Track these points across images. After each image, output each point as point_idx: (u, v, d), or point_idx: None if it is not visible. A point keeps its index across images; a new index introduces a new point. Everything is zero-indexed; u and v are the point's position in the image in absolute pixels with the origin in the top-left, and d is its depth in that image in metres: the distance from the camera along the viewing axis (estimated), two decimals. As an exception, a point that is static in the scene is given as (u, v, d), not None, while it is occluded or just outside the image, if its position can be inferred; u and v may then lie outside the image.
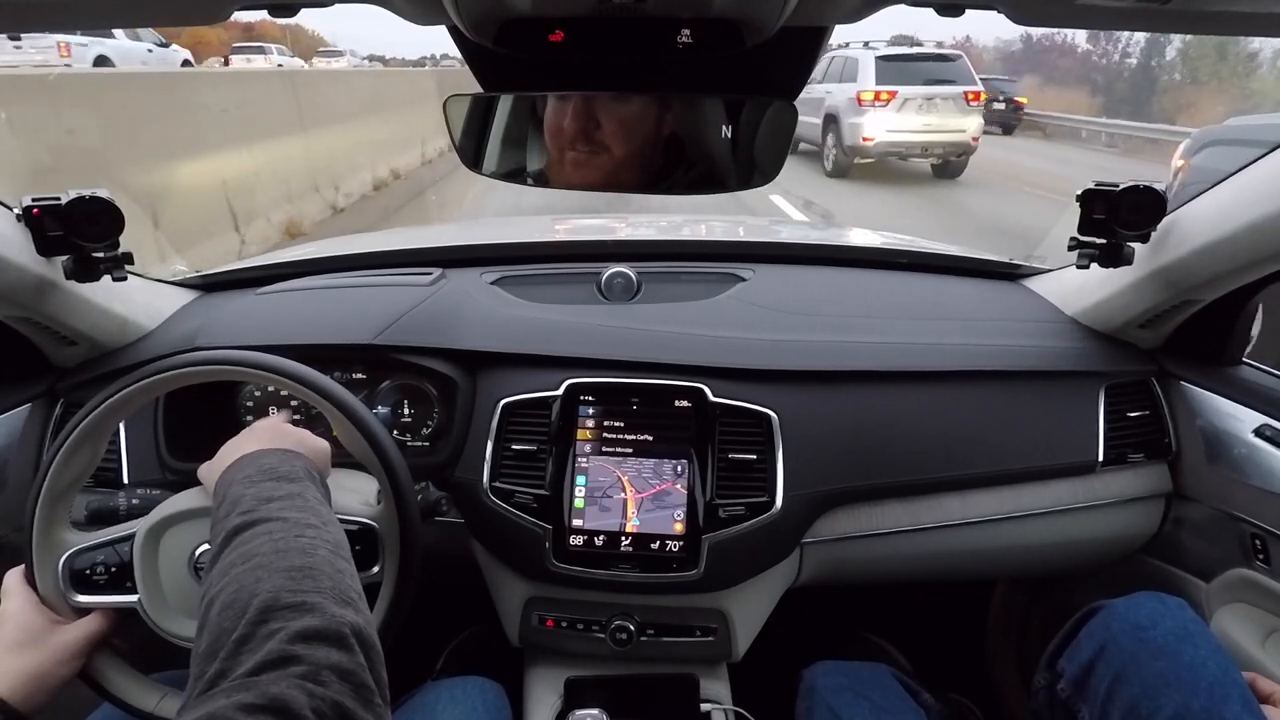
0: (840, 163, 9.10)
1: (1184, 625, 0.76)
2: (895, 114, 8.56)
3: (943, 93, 8.65)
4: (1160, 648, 0.74)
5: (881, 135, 8.55)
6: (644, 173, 0.73)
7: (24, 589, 0.75)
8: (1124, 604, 0.81)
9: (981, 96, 8.98)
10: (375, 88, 11.05)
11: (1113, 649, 0.77)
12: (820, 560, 1.08)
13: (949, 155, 9.06)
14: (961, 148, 8.88)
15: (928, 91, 8.62)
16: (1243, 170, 0.90)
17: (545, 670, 1.09)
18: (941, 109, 8.64)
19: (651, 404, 1.01)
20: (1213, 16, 0.53)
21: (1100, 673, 0.77)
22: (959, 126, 8.68)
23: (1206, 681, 0.70)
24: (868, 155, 8.82)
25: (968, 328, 1.14)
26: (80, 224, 0.88)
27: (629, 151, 0.71)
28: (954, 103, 8.68)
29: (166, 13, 0.63)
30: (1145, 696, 0.72)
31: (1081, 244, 1.00)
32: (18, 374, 1.04)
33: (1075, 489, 1.08)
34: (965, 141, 8.76)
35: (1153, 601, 0.80)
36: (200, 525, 0.75)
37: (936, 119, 8.62)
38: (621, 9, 0.54)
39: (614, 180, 0.73)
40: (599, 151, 0.71)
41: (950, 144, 8.82)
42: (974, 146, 8.87)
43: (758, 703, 1.05)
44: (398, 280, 1.18)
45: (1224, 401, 1.03)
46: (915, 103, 8.59)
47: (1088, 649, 0.80)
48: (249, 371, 0.79)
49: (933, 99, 8.63)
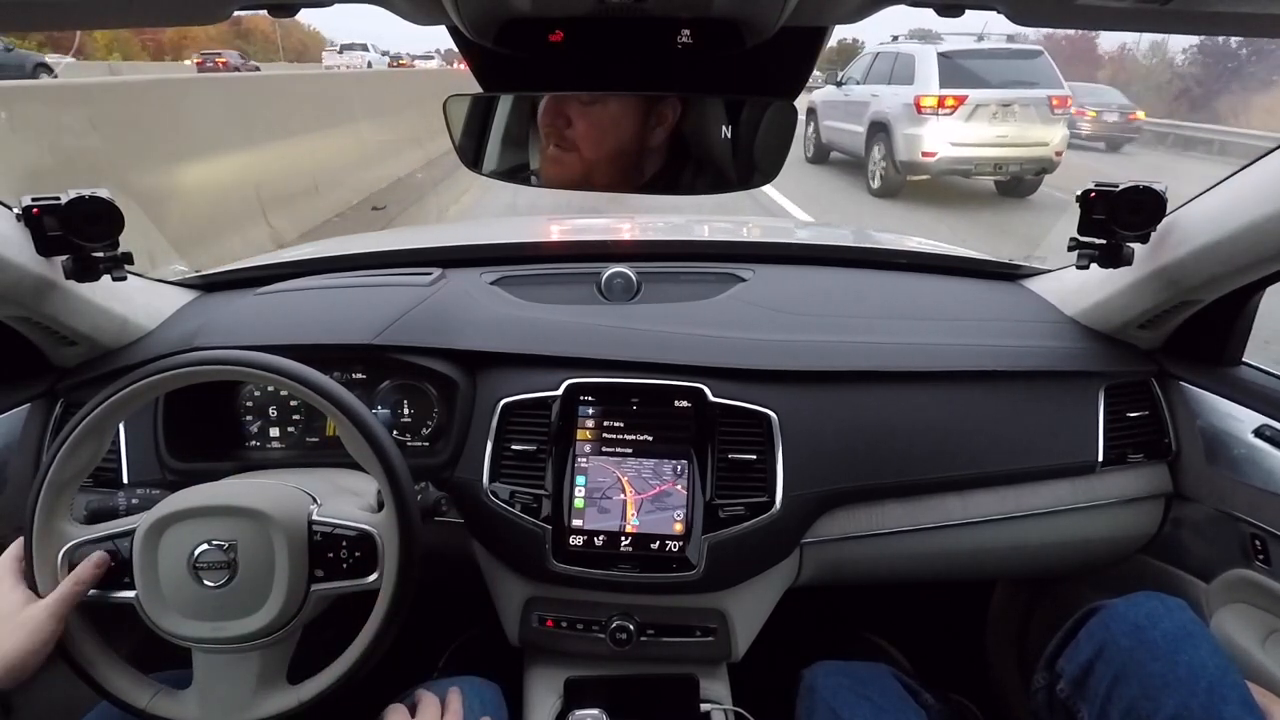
0: (891, 180, 7.45)
1: (1183, 626, 0.76)
2: (963, 124, 6.90)
3: (1022, 97, 6.96)
4: (1159, 648, 0.74)
5: (945, 150, 6.90)
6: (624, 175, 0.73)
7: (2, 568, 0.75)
8: (1123, 604, 0.81)
9: (1069, 101, 7.30)
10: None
11: (1112, 649, 0.77)
12: (820, 560, 1.08)
13: (1026, 173, 7.32)
14: (1043, 163, 7.14)
15: (1004, 96, 6.95)
16: (1242, 170, 0.90)
17: (545, 670, 1.09)
18: (1020, 117, 6.96)
19: (651, 404, 1.01)
20: (1213, 17, 0.53)
21: (1100, 673, 0.77)
22: (1041, 139, 6.98)
23: (1205, 682, 0.70)
24: (926, 172, 7.21)
25: (968, 328, 1.14)
26: (80, 224, 0.88)
27: (599, 154, 0.72)
28: (1035, 109, 6.98)
29: (166, 13, 0.63)
30: (1144, 697, 0.72)
31: (1081, 244, 1.00)
32: (18, 374, 1.04)
33: (1075, 489, 1.08)
34: (1048, 156, 7.06)
35: (1152, 602, 0.80)
36: (201, 524, 0.75)
37: (1014, 129, 6.95)
38: (621, 9, 0.54)
39: (589, 180, 0.74)
40: (569, 149, 0.72)
41: (1029, 159, 7.10)
42: (1057, 162, 7.17)
43: (758, 703, 1.05)
44: (398, 280, 1.18)
45: (1224, 402, 1.03)
46: (988, 109, 6.92)
47: (1087, 649, 0.80)
48: (249, 371, 0.79)
49: (1010, 105, 6.95)
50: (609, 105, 0.70)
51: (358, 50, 23.83)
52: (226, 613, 0.75)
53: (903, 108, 7.25)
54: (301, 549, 0.77)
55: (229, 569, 0.75)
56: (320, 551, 0.78)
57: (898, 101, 7.37)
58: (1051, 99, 7.09)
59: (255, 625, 0.75)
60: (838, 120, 8.69)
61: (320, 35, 56.56)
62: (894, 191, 7.57)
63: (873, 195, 7.73)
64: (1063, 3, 0.53)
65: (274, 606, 0.75)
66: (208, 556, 0.74)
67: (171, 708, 0.77)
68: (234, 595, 0.75)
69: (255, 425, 1.10)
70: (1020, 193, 7.76)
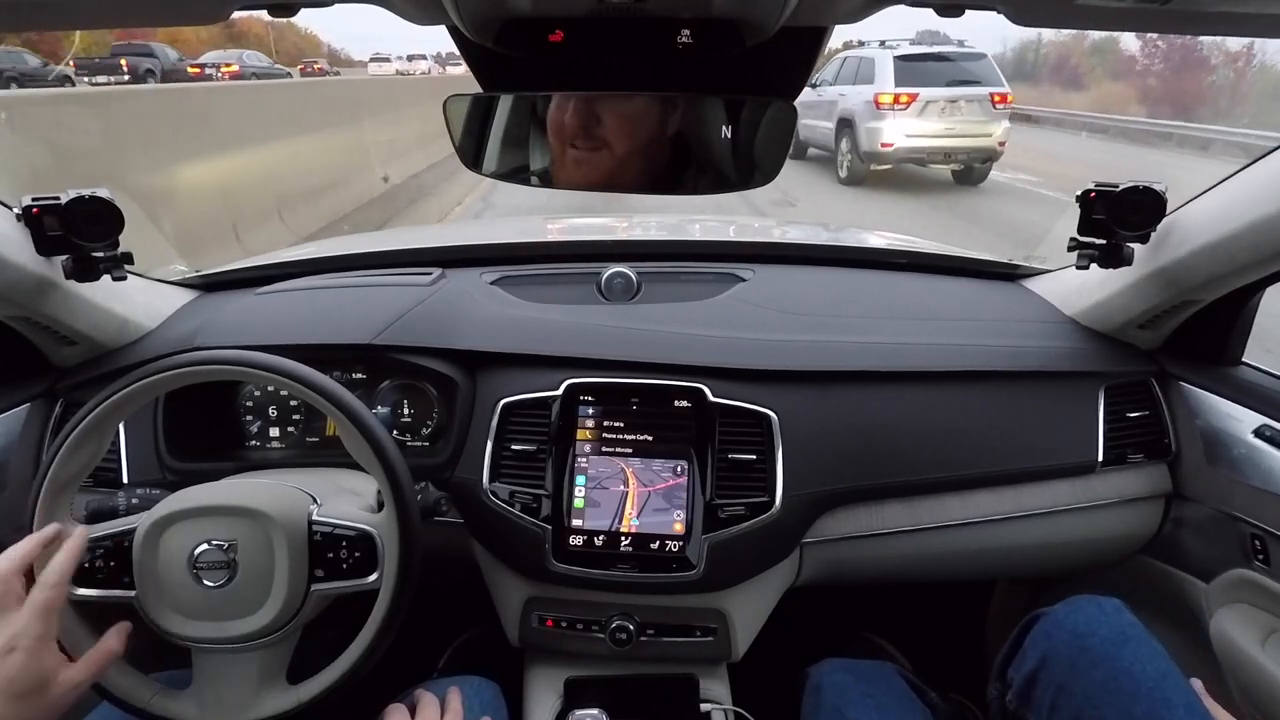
0: (856, 170, 8.63)
1: (1121, 630, 0.77)
2: (916, 118, 8.05)
3: (967, 94, 8.13)
4: (1099, 655, 0.75)
5: (901, 141, 8.05)
6: (646, 173, 0.73)
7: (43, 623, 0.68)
8: (1062, 610, 0.82)
9: (1009, 98, 8.44)
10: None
11: (1054, 659, 0.78)
12: (820, 560, 1.08)
13: (973, 161, 8.55)
14: (987, 153, 8.36)
15: (951, 94, 8.11)
16: (1243, 170, 0.90)
17: (545, 670, 1.09)
18: (965, 112, 8.12)
19: (651, 404, 1.01)
20: (1213, 17, 0.53)
21: (1044, 683, 0.78)
22: (984, 131, 8.15)
23: (1146, 686, 0.71)
24: (886, 161, 8.36)
25: (967, 328, 1.14)
26: (80, 223, 0.88)
27: (630, 149, 0.71)
28: (979, 105, 8.16)
29: (166, 12, 0.63)
30: (1088, 706, 0.73)
31: (1081, 244, 1.00)
32: (18, 374, 1.04)
33: (1075, 489, 1.08)
34: (991, 146, 8.25)
35: (1090, 607, 0.81)
36: (201, 524, 0.75)
37: (960, 123, 8.10)
38: (621, 9, 0.54)
39: (614, 179, 0.73)
40: (599, 148, 0.71)
41: (975, 149, 8.30)
42: (1000, 152, 8.36)
43: (758, 703, 1.05)
44: (398, 280, 1.18)
45: (1224, 402, 1.03)
46: (938, 105, 8.09)
47: (1031, 659, 0.81)
48: (249, 371, 0.79)
49: (956, 101, 8.11)
50: (635, 100, 0.70)
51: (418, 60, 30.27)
52: (227, 613, 0.75)
53: (864, 105, 8.32)
54: (301, 549, 0.77)
55: (229, 569, 0.74)
56: (320, 551, 0.78)
57: (860, 99, 8.42)
58: (993, 96, 8.23)
59: (255, 625, 0.75)
60: (812, 119, 9.43)
61: (316, 38, 56.47)
62: (859, 180, 8.65)
63: (841, 183, 8.78)
64: (1063, 3, 0.53)
65: (274, 606, 0.75)
66: (208, 556, 0.74)
67: (172, 708, 0.77)
68: (234, 595, 0.75)
69: (255, 425, 1.10)
70: (973, 180, 8.88)
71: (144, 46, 16.52)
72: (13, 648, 0.65)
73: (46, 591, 0.68)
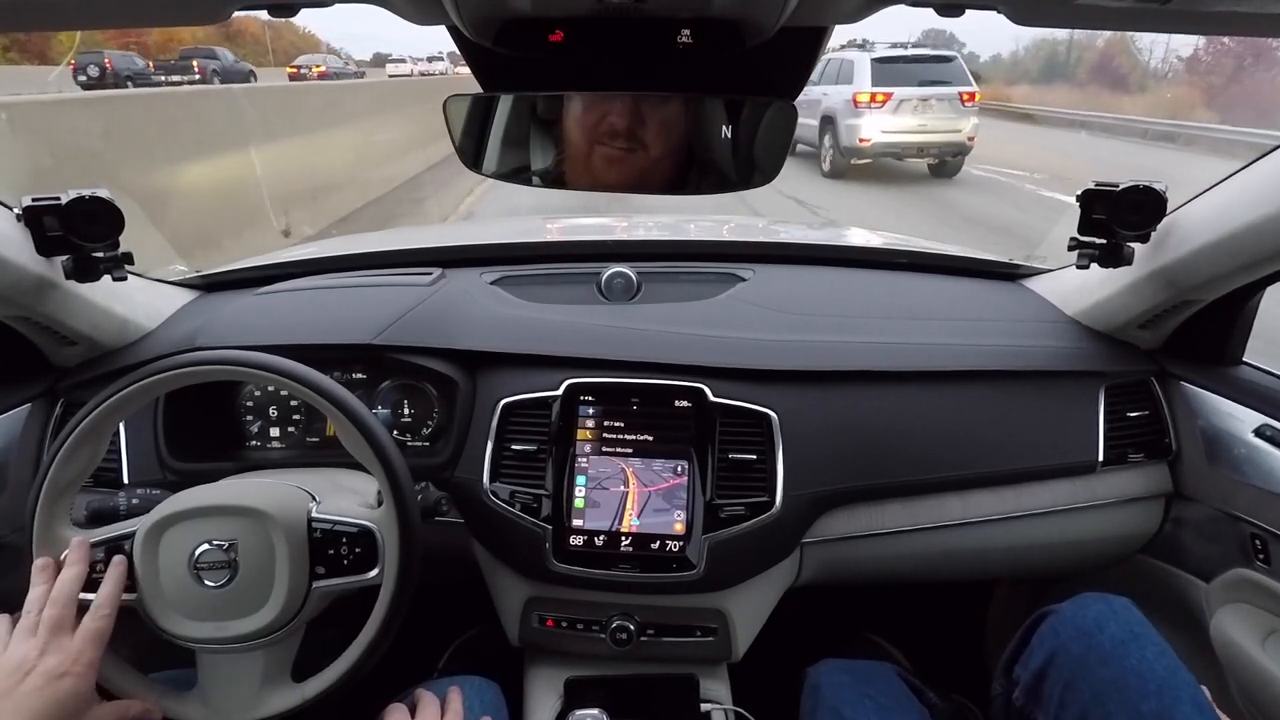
0: (837, 164, 9.26)
1: (1130, 628, 0.77)
2: (891, 115, 8.70)
3: (938, 94, 8.77)
4: (1108, 653, 0.75)
5: (878, 136, 8.70)
6: (668, 174, 0.73)
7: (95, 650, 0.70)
8: (1071, 608, 0.82)
9: (977, 97, 9.11)
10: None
11: (1063, 656, 0.78)
12: (820, 560, 1.08)
13: (945, 155, 9.22)
14: (957, 148, 9.01)
15: (923, 93, 8.75)
16: (1242, 170, 0.90)
17: (545, 670, 1.09)
18: (937, 110, 8.77)
19: (651, 404, 1.01)
20: (1213, 17, 0.53)
21: (1052, 679, 0.78)
22: (954, 127, 8.80)
23: (1154, 684, 0.71)
24: (864, 156, 8.99)
25: (968, 328, 1.14)
26: (80, 224, 0.88)
27: (663, 151, 0.72)
28: (949, 104, 8.79)
29: (166, 12, 0.63)
30: (1096, 703, 0.73)
31: (1081, 244, 1.00)
32: (18, 374, 1.04)
33: (1075, 489, 1.08)
34: (961, 141, 8.89)
35: (1099, 604, 0.81)
36: (201, 525, 0.75)
37: (932, 120, 8.76)
38: (621, 9, 0.54)
39: (645, 180, 0.74)
40: (636, 149, 0.71)
41: (946, 144, 8.95)
42: (969, 146, 8.99)
43: (758, 703, 1.05)
44: (398, 280, 1.18)
45: (1224, 401, 1.03)
46: (911, 104, 8.73)
47: (1039, 656, 0.81)
48: (249, 371, 0.79)
49: (928, 100, 8.76)
50: (672, 103, 0.70)
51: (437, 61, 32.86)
52: (228, 612, 0.75)
53: (844, 103, 8.99)
54: (302, 546, 0.77)
55: (230, 569, 0.75)
56: (321, 548, 0.78)
57: (840, 98, 9.07)
58: (962, 94, 8.89)
59: (258, 624, 0.75)
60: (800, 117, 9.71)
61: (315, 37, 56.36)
62: (841, 173, 9.28)
63: (824, 177, 9.39)
64: (1063, 3, 0.53)
65: (276, 605, 0.75)
66: (208, 556, 0.74)
67: (177, 708, 0.77)
68: (235, 595, 0.75)
69: (255, 425, 1.10)
70: (946, 173, 9.52)
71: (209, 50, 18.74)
72: (65, 673, 0.67)
73: (98, 621, 0.71)
